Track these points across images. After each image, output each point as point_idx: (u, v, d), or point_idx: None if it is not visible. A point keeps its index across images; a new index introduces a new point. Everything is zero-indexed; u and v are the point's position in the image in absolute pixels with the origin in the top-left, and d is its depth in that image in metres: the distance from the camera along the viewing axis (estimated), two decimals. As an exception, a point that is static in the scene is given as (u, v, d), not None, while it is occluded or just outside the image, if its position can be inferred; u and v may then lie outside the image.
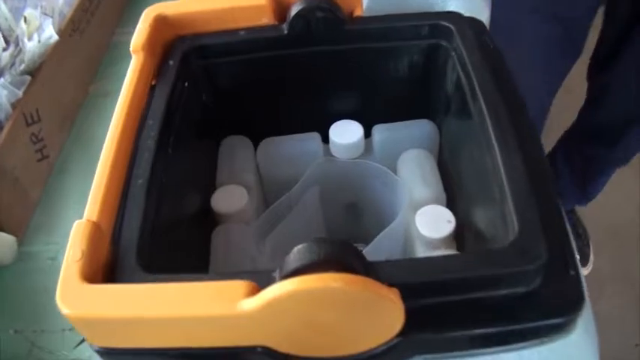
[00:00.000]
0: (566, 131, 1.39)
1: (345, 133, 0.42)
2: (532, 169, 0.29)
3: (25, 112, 0.74)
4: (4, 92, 0.72)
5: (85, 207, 0.28)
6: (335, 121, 0.43)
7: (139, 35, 0.38)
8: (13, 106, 0.73)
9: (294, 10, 0.38)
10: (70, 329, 0.63)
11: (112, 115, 0.35)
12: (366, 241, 0.38)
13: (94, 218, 0.28)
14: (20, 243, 0.71)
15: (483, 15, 0.49)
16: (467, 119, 0.35)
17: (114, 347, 0.26)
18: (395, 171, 0.42)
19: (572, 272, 0.27)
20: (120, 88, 0.37)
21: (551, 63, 1.12)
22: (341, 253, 0.23)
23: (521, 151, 0.30)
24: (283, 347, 0.26)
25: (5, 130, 0.71)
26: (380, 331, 0.25)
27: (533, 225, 0.26)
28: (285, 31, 0.39)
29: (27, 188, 0.75)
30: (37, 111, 0.76)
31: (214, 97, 0.42)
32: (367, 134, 0.44)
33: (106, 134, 0.33)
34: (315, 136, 0.44)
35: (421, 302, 0.25)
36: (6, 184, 0.71)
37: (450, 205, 0.39)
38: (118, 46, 1.00)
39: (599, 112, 1.23)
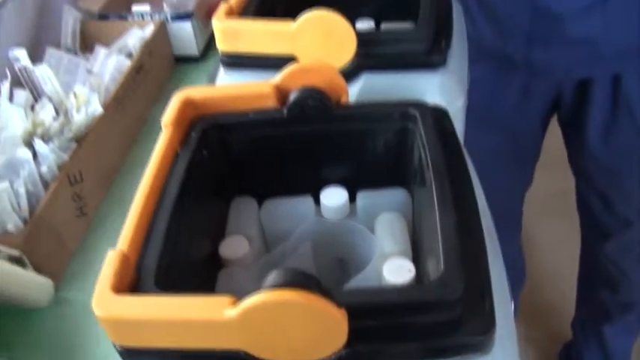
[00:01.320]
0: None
1: (333, 197, 0.51)
2: (463, 226, 0.38)
3: (69, 173, 0.85)
4: (53, 156, 0.83)
5: None
6: (325, 186, 0.53)
7: (169, 113, 0.48)
8: (60, 168, 0.84)
9: (291, 98, 0.48)
10: (97, 366, 0.71)
11: None
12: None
13: (124, 249, 0.37)
14: (57, 289, 0.80)
15: (458, 101, 0.59)
16: (426, 189, 0.44)
17: (131, 347, 0.35)
18: (373, 231, 0.51)
19: (487, 304, 0.35)
20: None
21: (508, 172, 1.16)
22: (304, 278, 0.32)
23: (457, 212, 0.39)
24: (258, 352, 0.34)
25: (51, 189, 0.81)
26: (330, 342, 0.33)
27: (455, 266, 0.35)
28: (285, 114, 0.49)
29: (66, 241, 0.85)
30: (80, 173, 0.87)
31: (227, 164, 0.52)
32: (352, 198, 0.53)
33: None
34: (308, 199, 0.53)
35: (365, 322, 0.34)
36: (47, 237, 0.81)
37: (416, 257, 0.48)
38: (154, 120, 1.11)
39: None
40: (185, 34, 1.20)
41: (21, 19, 1.12)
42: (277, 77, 0.50)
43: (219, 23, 0.59)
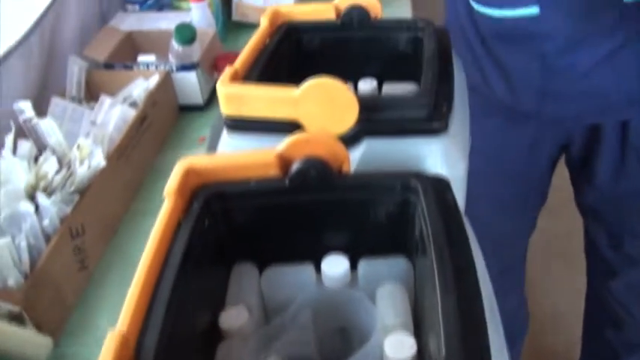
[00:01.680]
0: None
1: (334, 266, 0.51)
2: (464, 305, 0.38)
3: (71, 226, 0.85)
4: (54, 209, 0.83)
5: (115, 315, 0.37)
6: (327, 252, 0.53)
7: (171, 183, 0.48)
8: (62, 221, 0.84)
9: (294, 168, 0.49)
10: None
11: (148, 232, 0.45)
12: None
13: (124, 329, 0.37)
14: (56, 344, 0.79)
15: (460, 167, 0.59)
16: (426, 260, 0.44)
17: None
18: (374, 299, 0.50)
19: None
20: (157, 207, 0.47)
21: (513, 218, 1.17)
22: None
23: (457, 290, 0.39)
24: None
25: (52, 243, 0.81)
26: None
27: (456, 352, 0.35)
28: (287, 184, 0.49)
29: (66, 294, 0.84)
30: (82, 226, 0.87)
31: (229, 232, 0.52)
32: (354, 265, 0.53)
33: (141, 249, 0.43)
34: (309, 267, 0.53)
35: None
36: (47, 291, 0.81)
37: (417, 328, 0.47)
38: (158, 169, 1.12)
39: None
40: (190, 84, 1.21)
41: (27, 67, 1.14)
42: (280, 146, 0.50)
43: (224, 88, 0.59)
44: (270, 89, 0.59)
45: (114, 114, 1.08)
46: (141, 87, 1.15)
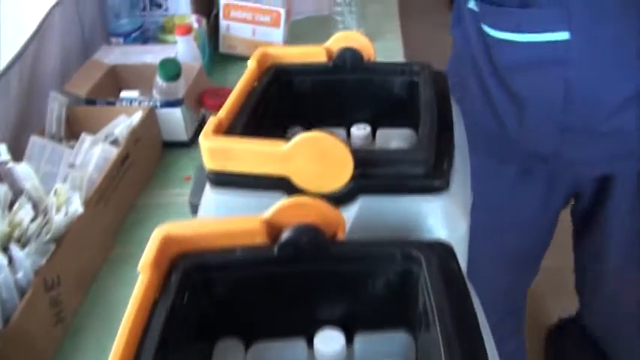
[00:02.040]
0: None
1: (329, 342, 0.46)
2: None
3: (46, 278, 0.80)
4: (29, 261, 0.78)
5: None
6: (320, 326, 0.48)
7: (148, 254, 0.43)
8: (36, 272, 0.79)
9: (283, 237, 0.44)
10: None
11: (129, 280, 0.41)
12: None
13: None
14: (29, 407, 0.73)
15: (462, 227, 0.55)
16: (430, 335, 0.40)
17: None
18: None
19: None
20: (139, 252, 0.43)
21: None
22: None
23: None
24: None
25: (26, 297, 0.76)
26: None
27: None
28: (276, 253, 0.45)
29: (41, 350, 0.80)
30: (57, 277, 0.82)
31: (212, 306, 0.47)
32: (350, 338, 0.48)
33: (121, 298, 0.39)
34: (300, 343, 0.48)
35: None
36: (21, 348, 0.76)
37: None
38: (140, 210, 1.07)
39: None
40: (174, 120, 1.17)
41: (6, 104, 1.09)
42: (268, 212, 0.46)
43: (207, 141, 0.55)
44: (258, 143, 0.54)
45: (94, 153, 1.03)
46: (123, 124, 1.10)
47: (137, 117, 1.12)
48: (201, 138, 0.55)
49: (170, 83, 1.16)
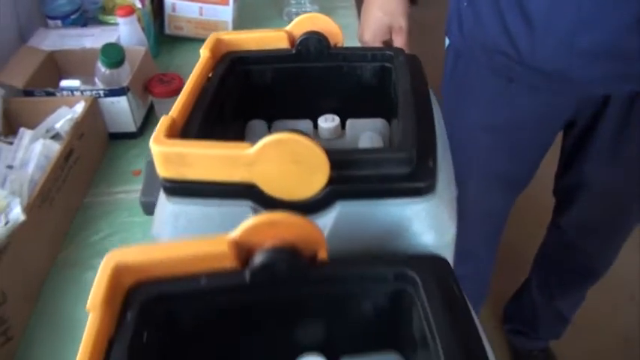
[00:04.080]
0: (535, 260, 1.42)
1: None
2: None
3: (-13, 297, 0.72)
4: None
5: None
6: (301, 351, 0.42)
7: (96, 291, 0.37)
8: (-26, 292, 0.71)
9: (256, 262, 0.38)
10: None
11: (78, 287, 0.36)
12: None
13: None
14: None
15: (449, 232, 0.49)
16: (429, 354, 0.35)
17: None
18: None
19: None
20: (88, 256, 0.39)
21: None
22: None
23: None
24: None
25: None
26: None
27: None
28: (248, 279, 0.39)
29: (-15, 378, 0.72)
30: (2, 294, 0.74)
31: (176, 343, 0.41)
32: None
33: (71, 308, 0.37)
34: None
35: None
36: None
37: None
38: (87, 209, 0.99)
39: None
40: (120, 109, 1.09)
41: None
42: (236, 231, 0.39)
43: (159, 147, 0.48)
44: (218, 146, 0.47)
45: (35, 150, 0.95)
46: (65, 117, 1.02)
47: (79, 108, 1.04)
48: (151, 142, 0.48)
49: (114, 70, 1.08)
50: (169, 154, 0.48)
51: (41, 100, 1.08)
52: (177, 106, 0.53)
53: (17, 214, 0.77)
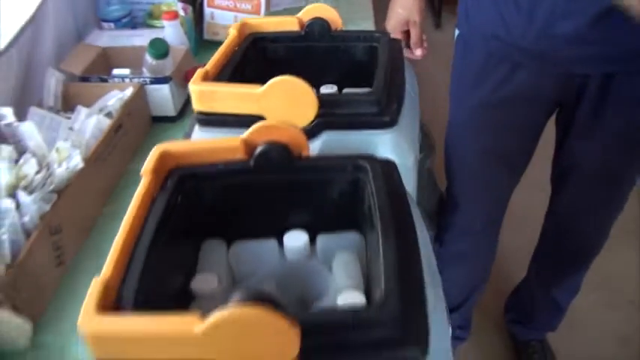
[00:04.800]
0: (534, 251, 1.54)
1: (295, 239, 0.58)
2: (403, 260, 0.44)
3: (50, 224, 0.90)
4: (34, 207, 0.88)
5: None
6: (289, 229, 0.59)
7: (148, 163, 0.54)
8: (41, 218, 0.89)
9: (257, 151, 0.55)
10: (69, 405, 0.75)
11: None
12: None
13: (107, 276, 0.42)
14: (34, 333, 0.83)
15: (409, 158, 0.66)
16: (374, 232, 0.51)
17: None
18: (331, 269, 0.57)
19: (423, 324, 0.42)
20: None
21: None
22: (260, 296, 0.38)
23: (398, 248, 0.45)
24: None
25: (32, 238, 0.86)
26: (284, 353, 0.39)
27: (392, 294, 0.41)
28: (251, 165, 0.56)
29: (44, 287, 0.89)
30: (59, 224, 0.91)
31: (200, 209, 0.58)
32: (313, 241, 0.59)
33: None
34: (272, 242, 0.60)
35: (315, 337, 0.39)
36: (27, 283, 0.85)
37: (368, 291, 0.54)
38: (131, 174, 1.17)
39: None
40: (163, 96, 1.27)
41: (7, 77, 1.18)
42: (245, 133, 0.56)
43: (195, 86, 0.66)
44: (237, 87, 0.65)
45: (90, 123, 1.13)
46: (116, 98, 1.20)
47: (128, 92, 1.23)
48: (190, 84, 0.66)
49: (159, 61, 1.27)
50: (203, 91, 0.65)
51: (95, 85, 1.28)
52: (210, 62, 0.71)
53: (77, 162, 0.95)
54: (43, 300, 0.88)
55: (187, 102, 1.35)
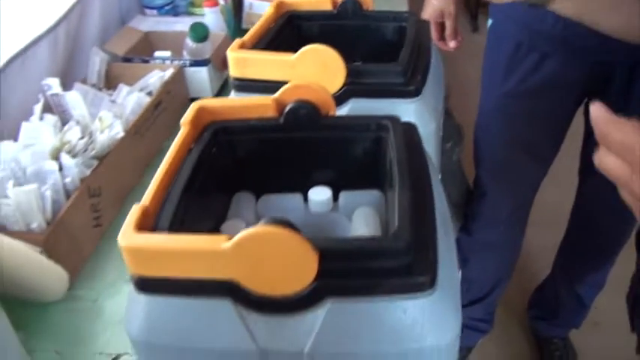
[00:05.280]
0: (559, 246, 1.55)
1: (319, 194, 0.62)
2: (417, 202, 0.48)
3: (90, 186, 0.95)
4: (76, 169, 0.93)
5: (123, 269, 0.47)
6: (313, 186, 0.63)
7: (187, 115, 0.58)
8: (82, 181, 0.94)
9: (287, 108, 0.59)
10: (100, 353, 0.79)
11: None
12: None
13: (146, 203, 0.47)
14: (70, 287, 0.88)
15: (431, 126, 0.69)
16: (394, 190, 0.53)
17: (146, 276, 0.44)
18: (351, 222, 0.60)
19: (432, 255, 0.45)
20: None
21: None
22: (282, 221, 0.42)
23: (413, 193, 0.49)
24: (246, 282, 0.43)
25: (72, 198, 0.91)
26: (303, 273, 0.42)
27: (405, 226, 0.44)
28: (282, 122, 0.60)
29: (81, 246, 0.94)
30: (99, 188, 0.97)
31: (232, 163, 0.62)
32: (336, 199, 0.63)
33: None
34: (298, 196, 0.64)
35: (332, 263, 0.43)
36: (66, 239, 0.90)
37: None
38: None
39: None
40: (201, 78, 1.32)
41: (54, 53, 1.25)
42: (277, 93, 0.60)
43: (233, 53, 0.70)
44: (271, 54, 0.69)
45: (131, 99, 1.19)
46: (156, 77, 1.26)
47: (168, 73, 1.28)
48: (228, 51, 0.70)
49: (199, 44, 1.32)
50: (239, 57, 0.70)
51: (137, 65, 1.33)
52: (247, 34, 0.75)
53: (118, 130, 1.00)
54: (80, 258, 0.93)
55: (224, 85, 1.40)
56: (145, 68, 1.31)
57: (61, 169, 0.93)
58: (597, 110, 0.47)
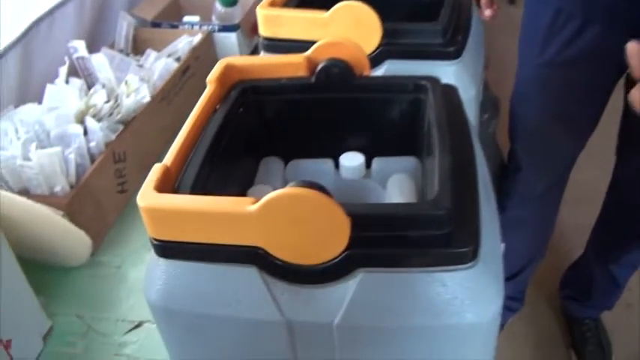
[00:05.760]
0: (594, 225, 1.50)
1: (351, 159, 0.58)
2: (458, 167, 0.44)
3: (114, 151, 0.93)
4: (101, 134, 0.91)
5: (147, 235, 0.44)
6: (344, 152, 0.59)
7: (213, 73, 0.55)
8: (107, 145, 0.92)
9: (319, 67, 0.55)
10: (122, 320, 0.77)
11: None
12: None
13: (168, 163, 0.44)
14: (93, 253, 0.87)
15: (470, 90, 0.65)
16: (433, 156, 0.50)
17: (166, 240, 0.41)
18: (385, 189, 0.57)
19: (474, 224, 0.41)
20: None
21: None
22: (313, 184, 0.38)
23: (454, 157, 0.45)
24: (273, 249, 0.40)
25: (97, 162, 0.89)
26: (334, 241, 0.39)
27: (445, 192, 0.41)
28: (313, 81, 0.56)
29: (105, 211, 0.92)
30: (124, 153, 0.94)
31: (260, 125, 0.59)
32: (369, 166, 0.59)
33: None
34: (328, 162, 0.60)
35: (365, 230, 0.40)
36: (89, 204, 0.88)
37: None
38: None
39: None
40: (230, 43, 1.29)
41: (80, 16, 1.22)
42: (309, 50, 0.57)
43: (263, 11, 0.66)
44: (303, 12, 0.66)
45: (159, 65, 1.16)
46: (185, 42, 1.23)
47: (197, 38, 1.25)
48: (258, 8, 0.67)
49: (228, 9, 1.28)
50: (269, 15, 0.66)
51: (166, 31, 1.30)
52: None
53: (144, 94, 0.97)
54: (104, 224, 0.91)
55: (254, 52, 1.37)
56: (173, 33, 1.28)
57: (85, 133, 0.91)
58: (634, 45, 0.48)
